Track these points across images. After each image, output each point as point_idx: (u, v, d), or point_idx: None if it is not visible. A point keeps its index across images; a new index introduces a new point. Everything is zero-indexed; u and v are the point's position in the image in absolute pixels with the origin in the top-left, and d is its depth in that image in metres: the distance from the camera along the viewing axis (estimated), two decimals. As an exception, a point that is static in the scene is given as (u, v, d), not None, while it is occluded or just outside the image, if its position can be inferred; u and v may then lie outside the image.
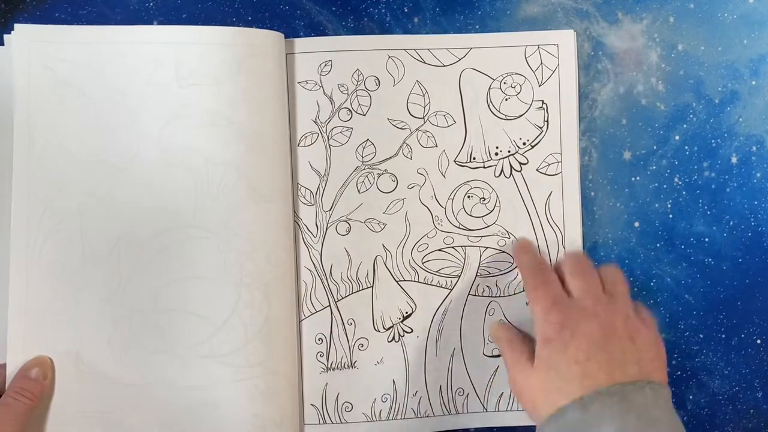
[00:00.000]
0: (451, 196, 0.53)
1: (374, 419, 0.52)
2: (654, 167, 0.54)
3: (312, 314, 0.52)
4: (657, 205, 0.53)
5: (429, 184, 0.53)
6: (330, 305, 0.52)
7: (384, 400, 0.52)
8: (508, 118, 0.53)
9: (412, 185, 0.53)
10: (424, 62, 0.52)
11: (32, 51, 0.48)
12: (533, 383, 0.46)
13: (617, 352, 0.44)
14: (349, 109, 0.52)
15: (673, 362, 0.54)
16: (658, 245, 0.54)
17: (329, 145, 0.52)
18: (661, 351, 0.46)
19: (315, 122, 0.52)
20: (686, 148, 0.54)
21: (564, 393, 0.43)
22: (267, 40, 0.50)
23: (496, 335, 0.51)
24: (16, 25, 0.48)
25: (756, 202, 0.54)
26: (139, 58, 0.49)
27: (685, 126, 0.54)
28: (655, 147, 0.54)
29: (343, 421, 0.52)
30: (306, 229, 0.52)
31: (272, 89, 0.50)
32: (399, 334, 0.52)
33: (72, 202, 0.48)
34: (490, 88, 0.53)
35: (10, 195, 0.48)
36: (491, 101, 0.53)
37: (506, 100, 0.53)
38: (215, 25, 0.50)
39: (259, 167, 0.49)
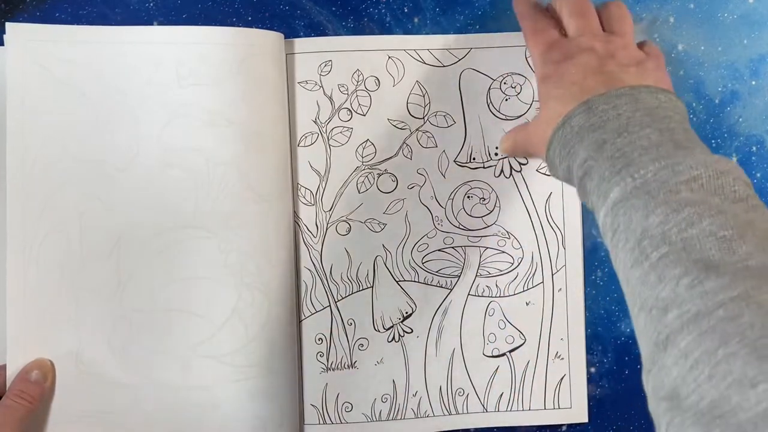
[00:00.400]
0: (451, 197, 0.53)
1: (374, 419, 0.52)
2: (654, 167, 0.54)
3: (312, 314, 0.52)
4: (657, 205, 0.53)
5: (429, 184, 0.53)
6: (330, 305, 0.52)
7: (384, 400, 0.52)
8: (508, 118, 0.53)
9: (412, 185, 0.52)
10: (424, 62, 0.52)
11: (29, 50, 0.48)
12: (538, 121, 0.45)
13: (616, 72, 0.42)
14: (349, 109, 0.52)
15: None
16: (658, 245, 0.54)
17: (329, 145, 0.52)
18: (669, 81, 0.44)
19: (315, 122, 0.52)
20: (686, 148, 0.53)
21: (566, 110, 0.41)
22: (267, 40, 0.50)
23: (504, 140, 0.51)
24: (7, 24, 0.47)
25: (756, 202, 0.54)
26: (140, 58, 0.49)
27: (685, 126, 0.54)
28: (655, 147, 0.54)
29: (343, 421, 0.52)
30: (306, 229, 0.52)
31: (272, 89, 0.50)
32: (399, 334, 0.52)
33: (71, 202, 0.48)
34: (490, 89, 0.53)
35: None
36: (491, 101, 0.53)
37: (506, 100, 0.53)
38: (215, 25, 0.50)
39: (259, 167, 0.49)
